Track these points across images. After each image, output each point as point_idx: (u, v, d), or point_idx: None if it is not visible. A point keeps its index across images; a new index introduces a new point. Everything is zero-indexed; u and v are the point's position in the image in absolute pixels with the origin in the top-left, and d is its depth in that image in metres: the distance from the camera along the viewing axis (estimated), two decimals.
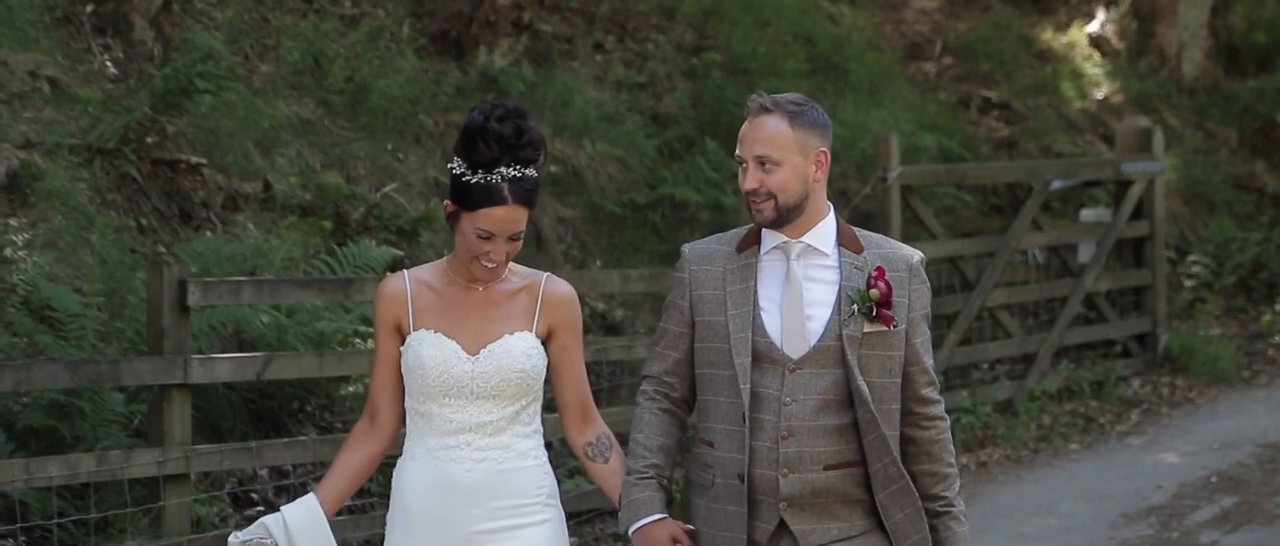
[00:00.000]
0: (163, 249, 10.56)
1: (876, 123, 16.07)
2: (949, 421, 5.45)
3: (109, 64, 12.17)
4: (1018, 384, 13.84)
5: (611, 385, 11.90)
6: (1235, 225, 17.52)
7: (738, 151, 5.34)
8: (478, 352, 5.37)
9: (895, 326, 5.26)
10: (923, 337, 5.36)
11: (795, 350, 5.26)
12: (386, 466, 5.63)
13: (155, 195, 11.22)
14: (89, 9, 12.40)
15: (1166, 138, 16.75)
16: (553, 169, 13.64)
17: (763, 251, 5.36)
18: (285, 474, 10.07)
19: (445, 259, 5.50)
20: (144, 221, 10.97)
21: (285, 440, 9.70)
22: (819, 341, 5.25)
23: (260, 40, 13.34)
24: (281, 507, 5.47)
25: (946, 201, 15.71)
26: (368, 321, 10.54)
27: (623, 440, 5.55)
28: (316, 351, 9.92)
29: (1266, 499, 11.37)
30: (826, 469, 5.25)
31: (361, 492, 10.20)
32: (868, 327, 5.25)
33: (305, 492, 9.96)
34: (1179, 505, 11.33)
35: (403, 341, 5.41)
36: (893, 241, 5.48)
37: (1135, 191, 14.92)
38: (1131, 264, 15.26)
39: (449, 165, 5.36)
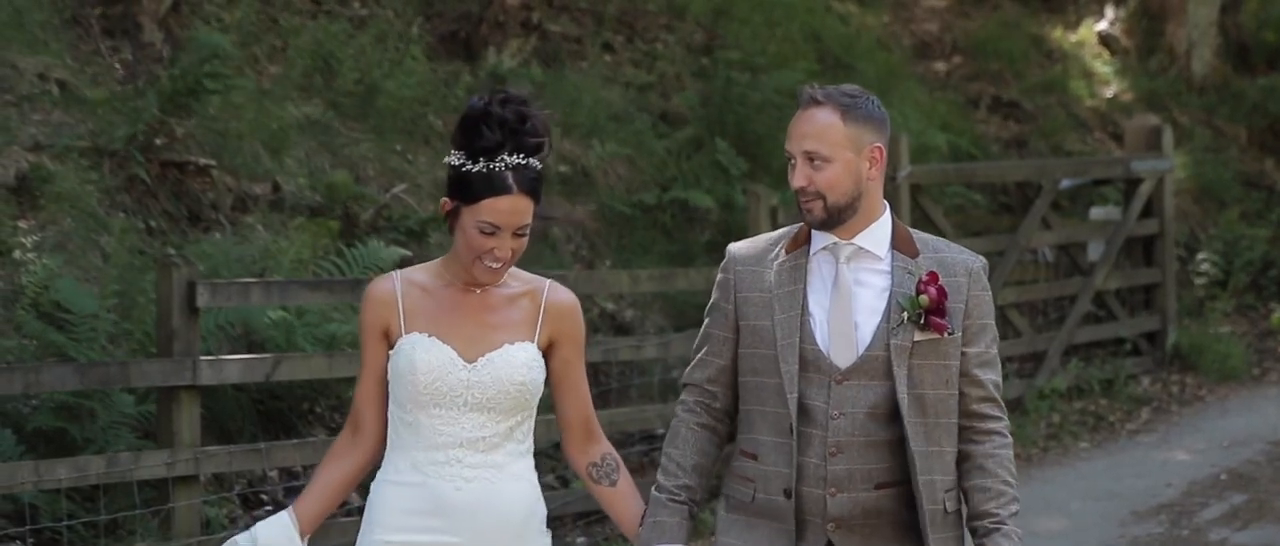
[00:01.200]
0: (172, 250, 10.57)
1: None
2: (1010, 440, 5.05)
3: (118, 66, 12.19)
4: (1027, 382, 13.84)
5: (621, 386, 11.91)
6: (1245, 223, 17.50)
7: (786, 146, 5.01)
8: (475, 361, 4.98)
9: (949, 335, 4.91)
10: (980, 348, 4.98)
11: (843, 359, 4.92)
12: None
13: (164, 197, 11.24)
14: (98, 11, 12.41)
15: (1176, 136, 16.73)
16: (562, 169, 13.65)
17: (812, 252, 5.02)
18: (295, 475, 10.08)
19: (440, 259, 5.12)
20: (153, 223, 10.98)
21: (295, 441, 9.70)
22: (866, 350, 4.92)
23: (269, 41, 13.35)
24: (256, 525, 5.15)
25: (956, 200, 15.71)
26: None
27: (629, 441, 5.47)
28: (326, 352, 9.93)
29: (1276, 496, 11.36)
30: (878, 488, 4.92)
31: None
32: (918, 336, 4.90)
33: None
34: (1189, 503, 11.33)
35: (391, 346, 5.02)
36: (953, 245, 5.10)
37: (1145, 190, 14.91)
38: (1141, 262, 15.25)
39: (446, 159, 5.00)
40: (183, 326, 8.90)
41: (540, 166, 4.98)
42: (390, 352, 5.01)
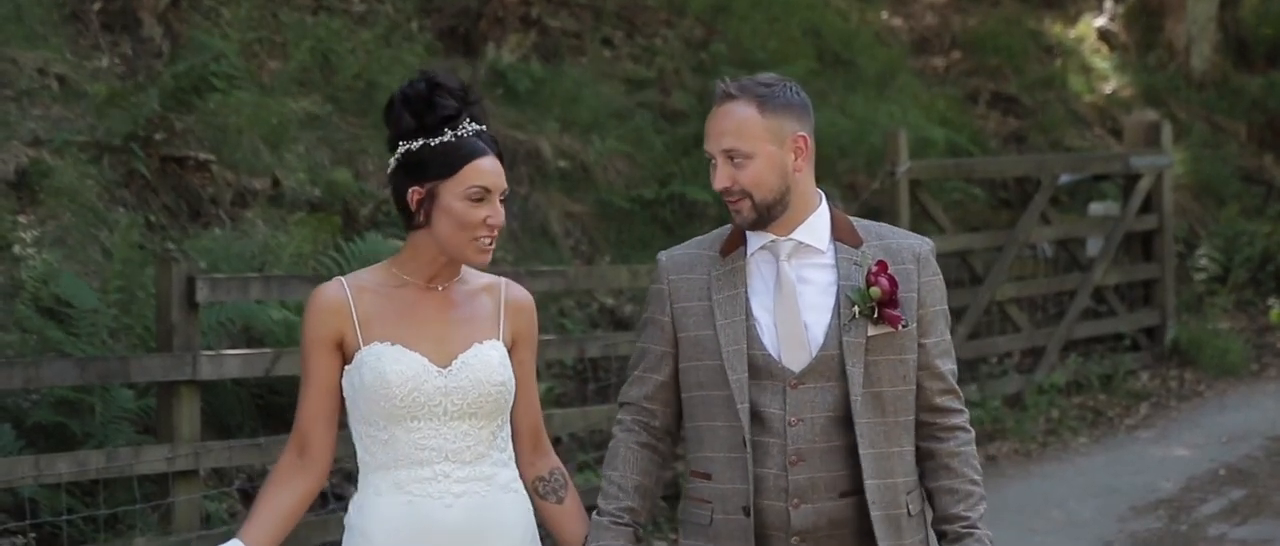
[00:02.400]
0: (171, 246, 10.58)
1: (885, 117, 16.08)
2: (973, 433, 4.78)
3: (117, 61, 12.19)
4: (1026, 377, 13.85)
5: (619, 382, 11.91)
6: (1244, 218, 17.52)
7: (705, 147, 4.70)
8: (448, 365, 4.67)
9: (904, 326, 4.64)
10: (936, 338, 4.72)
11: (796, 362, 4.63)
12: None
13: (164, 192, 11.24)
14: (97, 6, 12.42)
15: (1175, 131, 16.74)
16: (561, 164, 13.65)
17: (749, 252, 4.71)
18: None
19: (385, 262, 4.79)
20: (153, 218, 10.98)
21: None
22: (820, 351, 4.63)
23: (269, 37, 13.35)
24: None
25: (955, 196, 15.72)
26: None
27: None
28: None
29: (1275, 492, 11.37)
30: (843, 496, 4.64)
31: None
32: (872, 331, 4.62)
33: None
34: (1187, 498, 11.34)
35: (345, 360, 4.67)
36: (897, 230, 4.82)
37: (1144, 185, 14.92)
38: (1140, 257, 15.26)
39: (395, 155, 4.70)
40: (182, 321, 8.90)
41: None
42: (346, 367, 4.68)
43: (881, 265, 4.65)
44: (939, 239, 13.26)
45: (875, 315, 4.63)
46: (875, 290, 4.63)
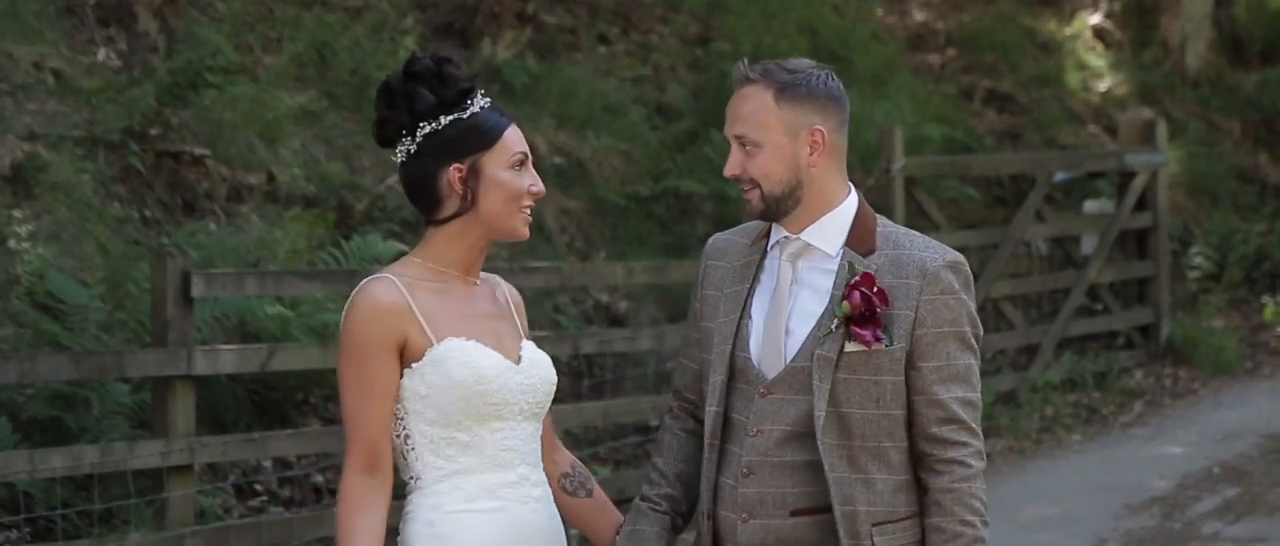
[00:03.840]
0: (166, 241, 10.58)
1: (881, 114, 16.08)
2: (978, 468, 4.37)
3: (113, 56, 12.18)
4: (1021, 375, 13.86)
5: (615, 378, 11.92)
6: (1238, 217, 17.53)
7: (725, 130, 4.50)
8: (519, 361, 4.44)
9: (886, 346, 4.32)
10: (939, 362, 4.34)
11: (771, 370, 4.40)
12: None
13: (159, 187, 11.24)
14: (93, 1, 12.41)
15: (1170, 129, 16.75)
16: (557, 160, 13.65)
17: (769, 246, 4.51)
18: (289, 465, 10.09)
19: (415, 255, 4.49)
20: (148, 213, 10.98)
21: (289, 431, 9.71)
22: (792, 362, 4.38)
23: (264, 32, 13.35)
24: None
25: (950, 193, 15.72)
26: None
27: (623, 433, 5.22)
28: (320, 343, 9.93)
29: (1269, 489, 11.38)
30: (793, 515, 4.37)
31: None
32: (850, 347, 4.33)
33: (309, 483, 10.04)
34: (1182, 496, 11.35)
35: (416, 359, 4.34)
36: (925, 241, 4.47)
37: (1138, 183, 14.93)
38: (1135, 255, 15.27)
39: (415, 141, 4.42)
40: (177, 316, 8.90)
41: None
42: (415, 366, 4.34)
43: (866, 278, 4.35)
44: (934, 236, 13.25)
45: (847, 331, 4.35)
46: (846, 305, 4.35)
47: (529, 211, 4.45)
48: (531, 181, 4.44)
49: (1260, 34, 20.59)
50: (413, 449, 4.39)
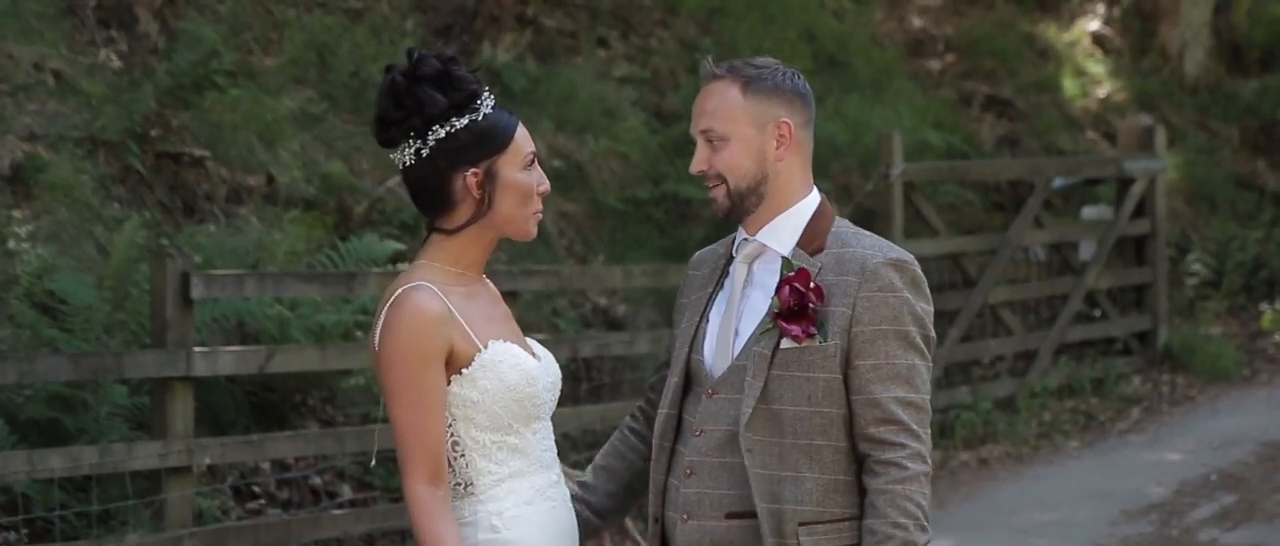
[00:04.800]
0: (166, 242, 10.58)
1: (879, 120, 16.09)
2: (916, 470, 4.27)
3: (113, 57, 12.19)
4: (1019, 381, 13.86)
5: (613, 381, 11.92)
6: (1236, 224, 17.54)
7: (691, 129, 4.50)
8: (540, 359, 4.45)
9: (820, 341, 4.28)
10: (876, 361, 4.28)
11: (719, 370, 4.41)
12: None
13: (159, 188, 11.24)
14: (94, 2, 12.41)
15: (1168, 136, 16.76)
16: (556, 164, 13.66)
17: (735, 250, 4.52)
18: (287, 467, 10.09)
19: (427, 261, 4.40)
20: (148, 214, 10.98)
21: (288, 433, 9.72)
22: (734, 361, 4.37)
23: (264, 33, 13.35)
24: None
25: (949, 199, 15.73)
26: (370, 314, 10.55)
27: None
28: (319, 345, 9.94)
29: (1266, 497, 11.38)
30: (728, 517, 4.34)
31: (363, 486, 10.22)
32: (785, 344, 4.30)
33: (307, 485, 10.03)
34: (1179, 502, 11.35)
35: (465, 365, 4.30)
36: (872, 239, 4.44)
37: (1137, 189, 14.93)
38: (1133, 262, 15.28)
39: (428, 145, 4.34)
40: (177, 318, 8.90)
41: None
42: (464, 371, 4.28)
43: (800, 274, 4.33)
44: (932, 241, 13.29)
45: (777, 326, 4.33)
46: (775, 300, 4.33)
47: (540, 210, 4.43)
48: (540, 180, 4.41)
49: (1259, 41, 20.60)
50: (462, 455, 4.34)
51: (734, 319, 4.42)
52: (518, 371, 4.31)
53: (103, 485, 8.92)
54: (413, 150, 4.36)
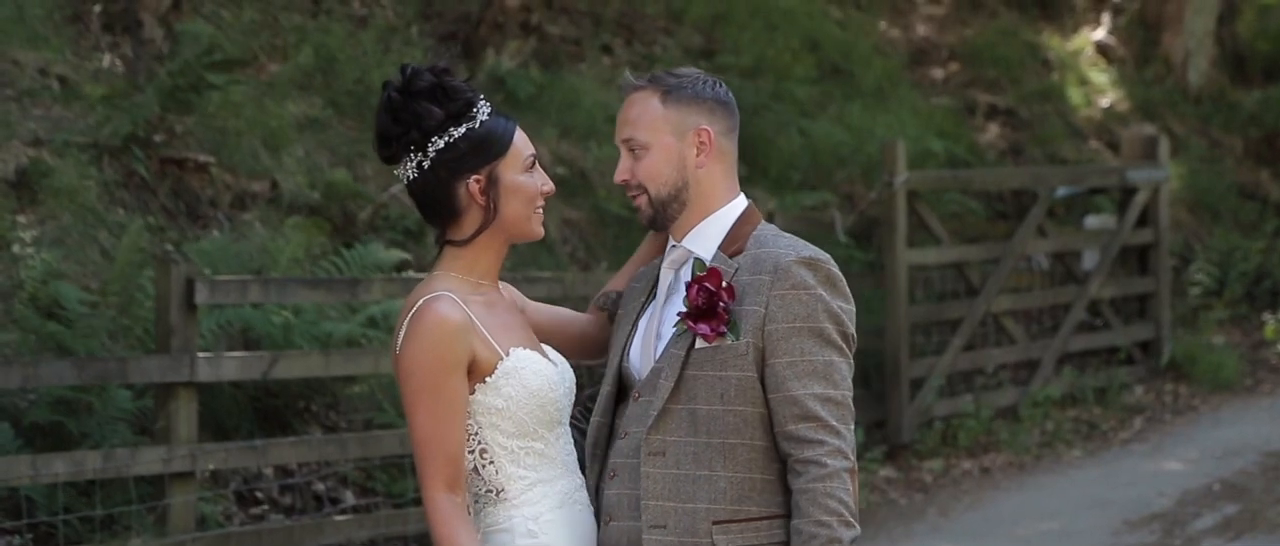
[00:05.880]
0: (170, 247, 10.59)
1: (883, 128, 16.10)
2: (836, 466, 4.25)
3: (118, 62, 12.20)
4: (1021, 389, 13.86)
5: None
6: (1239, 234, 17.54)
7: (615, 137, 4.50)
8: (560, 367, 4.50)
9: (731, 340, 4.29)
10: (791, 358, 4.28)
11: (644, 374, 4.44)
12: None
13: (163, 193, 11.25)
14: (98, 8, 12.43)
15: (1172, 146, 16.77)
16: (559, 171, 13.67)
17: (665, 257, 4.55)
18: (290, 473, 10.09)
19: (443, 271, 4.44)
20: (152, 220, 11.00)
21: (291, 439, 9.72)
22: (655, 364, 4.41)
23: (269, 40, 13.37)
24: None
25: (952, 207, 15.73)
26: (374, 322, 10.57)
27: None
28: (323, 351, 9.94)
29: (1269, 507, 11.38)
30: (651, 500, 4.36)
31: (366, 492, 10.23)
32: (699, 343, 4.32)
33: (310, 491, 10.03)
34: (1182, 512, 11.34)
35: (489, 373, 4.35)
36: (789, 240, 4.43)
37: (1140, 199, 14.93)
38: (1136, 271, 15.28)
39: (428, 156, 4.39)
40: (181, 323, 8.92)
41: None
42: (488, 379, 4.34)
43: (711, 273, 4.35)
44: (935, 250, 13.29)
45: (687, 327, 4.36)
46: (685, 300, 4.37)
47: (542, 210, 4.47)
48: (542, 180, 4.46)
49: (1262, 51, 20.61)
50: (490, 462, 4.38)
51: (657, 323, 4.45)
52: (540, 377, 4.36)
53: (106, 490, 8.93)
54: (414, 163, 4.41)
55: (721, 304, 4.30)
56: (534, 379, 4.35)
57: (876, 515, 11.49)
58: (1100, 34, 20.56)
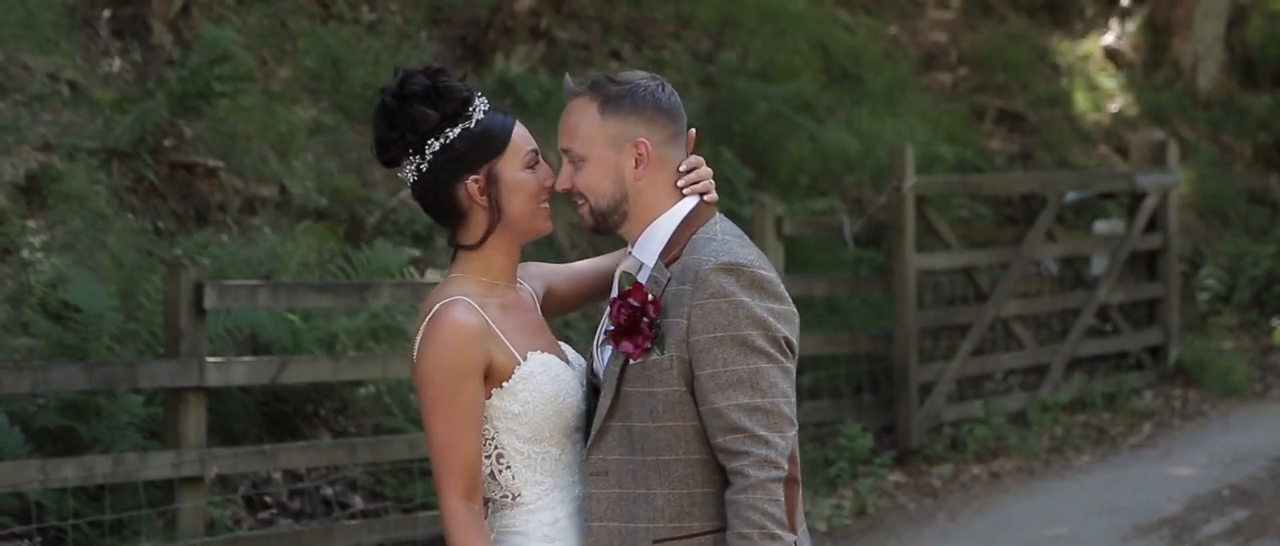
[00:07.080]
0: (179, 252, 10.60)
1: (892, 132, 16.10)
2: (759, 477, 4.14)
3: (127, 67, 12.22)
4: (1030, 395, 13.85)
5: None
6: (1248, 239, 17.53)
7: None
8: (571, 363, 4.45)
9: (656, 355, 4.21)
10: (714, 369, 4.16)
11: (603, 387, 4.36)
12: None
13: (172, 198, 11.26)
14: (108, 13, 12.44)
15: (1181, 151, 16.75)
16: None
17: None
18: (299, 477, 10.10)
19: (459, 274, 4.41)
20: (160, 224, 11.01)
21: (300, 443, 9.73)
22: (603, 378, 4.33)
23: (278, 45, 13.38)
24: None
25: (961, 212, 15.73)
26: (382, 326, 10.57)
27: None
28: (331, 355, 9.95)
29: (1278, 512, 11.37)
30: (593, 522, 4.32)
31: (375, 497, 10.23)
32: (632, 360, 4.23)
33: (319, 495, 10.04)
34: (1191, 518, 11.33)
35: (505, 379, 4.32)
36: (715, 245, 4.28)
37: (1149, 204, 14.92)
38: (1145, 276, 15.27)
39: (425, 159, 4.37)
40: (190, 327, 8.93)
41: None
42: (505, 384, 4.30)
43: (635, 289, 4.26)
44: (944, 255, 13.29)
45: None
46: (608, 318, 4.29)
47: (547, 204, 4.42)
48: (545, 175, 4.41)
49: (1272, 57, 20.60)
50: (507, 467, 4.35)
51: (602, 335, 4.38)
52: (557, 383, 4.31)
53: (116, 494, 8.94)
54: (413, 166, 4.39)
55: (645, 319, 4.21)
56: (551, 384, 4.31)
57: (886, 520, 11.49)
58: (1109, 39, 20.55)
